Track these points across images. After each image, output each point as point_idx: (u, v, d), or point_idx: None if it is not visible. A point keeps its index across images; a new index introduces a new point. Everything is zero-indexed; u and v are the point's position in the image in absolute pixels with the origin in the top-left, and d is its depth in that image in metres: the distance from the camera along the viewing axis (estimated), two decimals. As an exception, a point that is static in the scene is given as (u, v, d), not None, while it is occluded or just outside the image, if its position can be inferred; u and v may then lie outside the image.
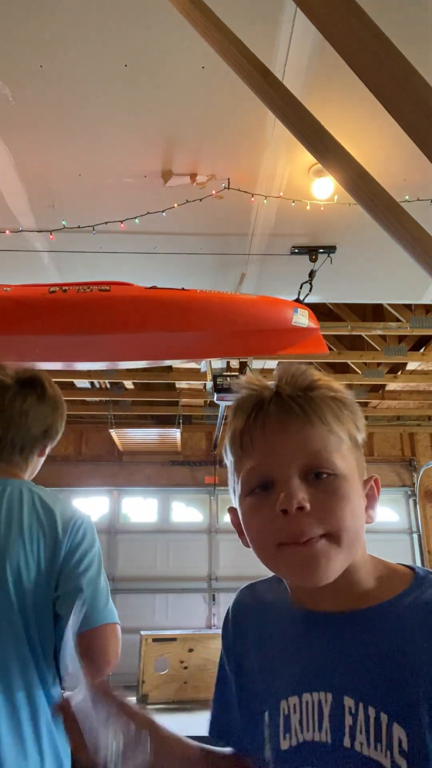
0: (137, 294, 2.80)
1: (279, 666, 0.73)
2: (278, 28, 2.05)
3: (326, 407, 0.69)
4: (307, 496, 0.65)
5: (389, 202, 0.88)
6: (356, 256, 3.37)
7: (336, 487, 0.66)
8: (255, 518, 0.69)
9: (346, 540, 0.65)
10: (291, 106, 0.98)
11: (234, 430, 0.72)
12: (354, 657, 0.66)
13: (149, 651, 5.82)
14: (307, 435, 0.67)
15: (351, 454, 0.70)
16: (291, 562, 0.65)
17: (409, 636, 0.64)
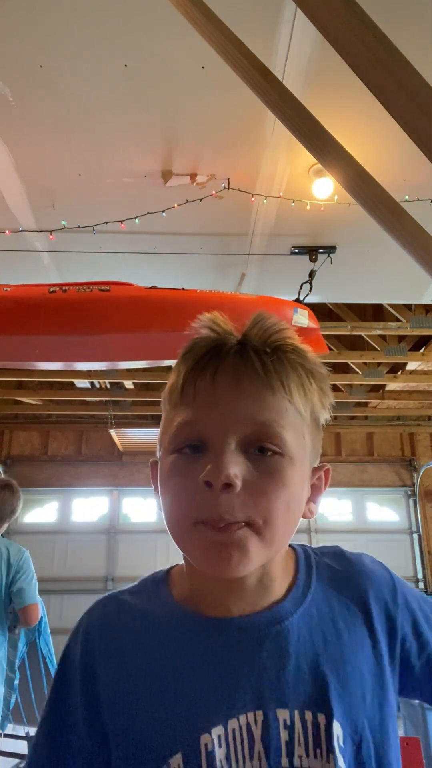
0: (137, 294, 2.80)
1: (188, 693, 0.57)
2: (278, 28, 2.04)
3: (293, 374, 0.58)
4: (240, 473, 0.53)
5: (389, 202, 0.88)
6: (356, 256, 3.37)
7: (278, 469, 0.55)
8: (173, 483, 0.57)
9: (272, 535, 0.55)
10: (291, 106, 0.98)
11: (177, 374, 0.60)
12: (277, 663, 0.57)
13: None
14: (261, 399, 0.55)
15: (308, 434, 0.59)
16: (204, 546, 0.54)
17: (326, 622, 0.61)
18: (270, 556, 0.58)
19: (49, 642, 3.28)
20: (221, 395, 0.56)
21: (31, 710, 3.29)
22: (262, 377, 0.56)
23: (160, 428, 0.63)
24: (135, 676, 0.59)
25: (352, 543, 7.05)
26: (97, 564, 7.13)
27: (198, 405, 0.56)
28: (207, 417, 0.56)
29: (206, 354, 0.58)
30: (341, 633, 0.60)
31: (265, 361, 0.57)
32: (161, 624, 0.62)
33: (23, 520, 7.39)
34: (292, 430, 0.57)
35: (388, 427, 7.62)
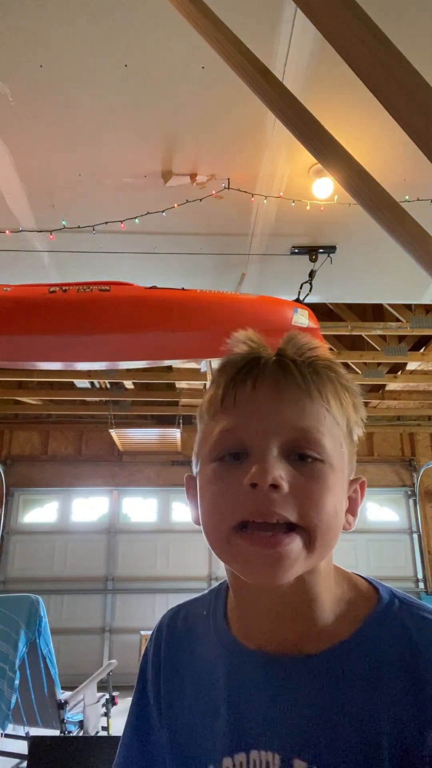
0: (137, 294, 2.80)
1: (222, 712, 0.59)
2: (278, 28, 2.04)
3: (330, 385, 0.59)
4: (285, 476, 0.53)
5: (389, 202, 0.88)
6: (356, 256, 3.37)
7: (321, 475, 0.55)
8: (215, 488, 0.56)
9: (320, 540, 0.54)
10: (291, 106, 0.98)
11: (216, 386, 0.60)
12: (307, 711, 0.54)
13: (149, 651, 5.81)
14: (302, 407, 0.56)
15: (345, 445, 0.59)
16: (247, 551, 0.53)
17: (374, 682, 0.53)
18: (313, 564, 0.56)
19: (49, 642, 3.28)
20: (262, 403, 0.56)
21: (31, 710, 3.30)
22: (301, 385, 0.57)
23: (197, 441, 0.63)
24: (184, 686, 0.64)
25: (352, 543, 7.05)
26: (97, 564, 7.13)
27: (239, 412, 0.57)
28: (248, 424, 0.56)
29: (245, 365, 0.59)
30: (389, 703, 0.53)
31: (304, 371, 0.58)
32: (211, 644, 0.64)
33: (23, 520, 7.39)
34: (331, 437, 0.57)
35: (388, 427, 7.62)
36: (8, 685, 3.00)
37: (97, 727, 3.53)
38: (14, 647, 3.05)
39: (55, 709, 3.23)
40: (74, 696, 3.36)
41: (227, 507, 0.54)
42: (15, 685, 3.02)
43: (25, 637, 3.11)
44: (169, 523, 7.39)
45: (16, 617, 3.13)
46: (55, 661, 3.32)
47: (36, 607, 3.20)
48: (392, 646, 0.54)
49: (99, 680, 3.64)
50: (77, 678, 3.84)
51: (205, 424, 0.62)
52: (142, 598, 6.95)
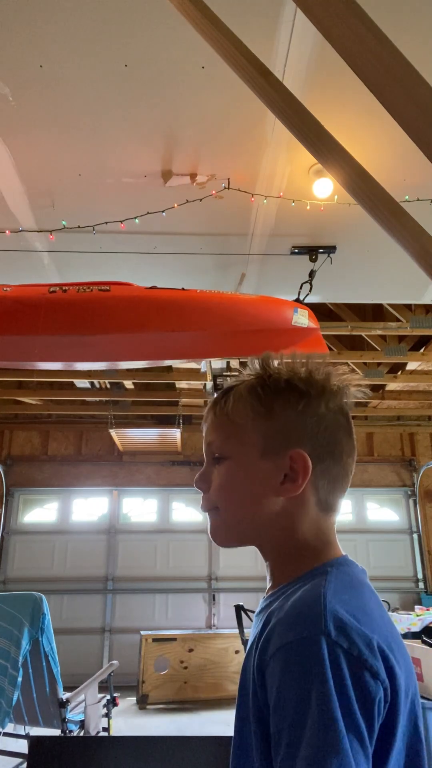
0: (137, 294, 2.80)
1: None
2: (278, 28, 2.05)
3: (225, 400, 0.79)
4: (210, 476, 0.79)
5: (389, 202, 0.88)
6: (356, 256, 3.37)
7: (223, 468, 0.78)
8: None
9: (228, 511, 0.77)
10: (291, 106, 0.98)
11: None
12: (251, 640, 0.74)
13: (149, 651, 5.82)
14: (208, 427, 0.81)
15: (246, 438, 0.76)
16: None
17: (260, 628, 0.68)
18: (232, 527, 0.78)
19: (52, 640, 3.28)
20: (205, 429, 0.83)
21: (32, 708, 3.29)
22: (207, 414, 0.82)
23: None
24: None
25: (352, 543, 7.05)
26: (97, 564, 7.13)
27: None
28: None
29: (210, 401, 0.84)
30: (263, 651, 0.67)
31: (212, 402, 0.81)
32: None
33: (23, 520, 7.39)
34: (227, 437, 0.78)
35: (388, 427, 7.62)
36: (10, 683, 2.99)
37: (98, 727, 3.53)
38: (17, 645, 3.05)
39: (56, 707, 3.23)
40: (75, 696, 3.36)
41: None
42: (17, 682, 3.02)
43: (29, 634, 3.11)
44: (169, 523, 7.39)
45: (20, 615, 3.13)
46: (57, 659, 3.32)
47: (39, 604, 3.20)
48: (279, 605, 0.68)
49: (100, 681, 3.64)
50: (77, 678, 3.84)
51: None
52: (142, 598, 6.95)
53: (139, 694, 5.68)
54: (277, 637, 0.62)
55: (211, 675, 5.73)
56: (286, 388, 0.76)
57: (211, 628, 6.70)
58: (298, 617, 0.62)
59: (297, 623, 0.61)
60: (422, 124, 0.77)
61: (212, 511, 0.79)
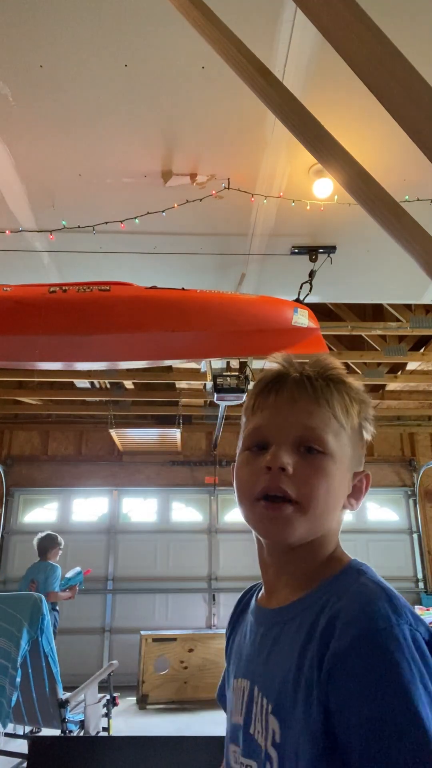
0: (137, 294, 2.80)
1: (239, 649, 0.82)
2: (278, 28, 2.05)
3: (337, 395, 0.75)
4: (293, 463, 0.71)
5: (389, 202, 0.88)
6: (356, 256, 3.37)
7: (320, 465, 0.72)
8: (244, 470, 0.76)
9: (313, 512, 0.71)
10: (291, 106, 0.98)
11: (255, 389, 0.80)
12: (267, 650, 0.72)
13: (149, 651, 5.82)
14: (309, 411, 0.73)
15: (348, 442, 0.75)
16: (261, 517, 0.72)
17: (304, 635, 0.66)
18: (311, 532, 0.72)
19: (52, 640, 3.29)
20: (281, 408, 0.75)
21: (32, 709, 3.29)
22: (312, 396, 0.74)
23: (239, 438, 0.82)
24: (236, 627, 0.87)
25: (352, 543, 7.05)
26: (96, 564, 7.13)
27: (265, 414, 0.76)
28: (269, 423, 0.75)
29: (272, 380, 0.77)
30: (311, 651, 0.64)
31: (315, 386, 0.75)
32: (251, 603, 0.85)
33: (23, 520, 7.39)
34: (333, 435, 0.73)
35: (388, 427, 7.62)
36: (10, 683, 3.00)
37: (97, 727, 3.53)
38: (17, 645, 3.05)
39: (56, 707, 3.23)
40: (75, 696, 3.36)
41: (251, 482, 0.73)
42: (17, 682, 3.02)
43: (28, 635, 3.11)
44: (169, 523, 7.39)
45: (19, 615, 3.13)
46: (57, 659, 3.32)
47: (39, 605, 3.20)
48: (324, 604, 0.66)
49: (100, 681, 3.64)
50: (77, 678, 3.84)
51: (243, 424, 0.81)
52: (142, 598, 6.95)
53: (139, 694, 5.68)
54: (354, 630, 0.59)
55: (211, 675, 5.73)
56: (370, 417, 0.81)
57: (211, 628, 6.69)
58: (373, 610, 0.61)
59: (373, 615, 0.60)
60: (422, 124, 0.77)
61: (288, 503, 0.71)
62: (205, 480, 7.33)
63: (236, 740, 0.74)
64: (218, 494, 7.37)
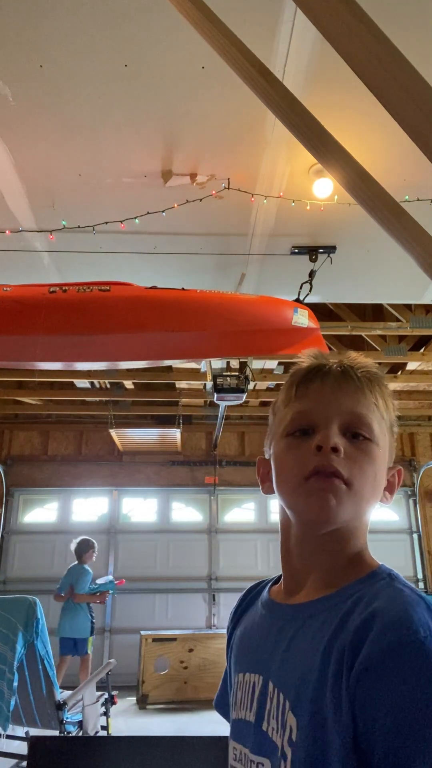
0: (137, 294, 2.80)
1: (245, 644, 0.80)
2: (278, 28, 2.04)
3: (378, 389, 0.76)
4: (342, 445, 0.70)
5: (389, 202, 0.88)
6: (356, 256, 3.37)
7: (368, 450, 0.72)
8: (289, 455, 0.73)
9: (361, 493, 0.70)
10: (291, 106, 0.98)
11: (293, 379, 0.78)
12: (285, 646, 0.70)
13: (149, 651, 5.82)
14: (357, 399, 0.73)
15: (388, 434, 0.76)
16: (311, 491, 0.69)
17: (330, 632, 0.63)
18: (353, 514, 0.71)
19: (47, 643, 3.28)
20: (327, 393, 0.74)
21: (30, 711, 3.30)
22: (357, 384, 0.74)
23: (270, 429, 0.81)
24: (240, 623, 0.85)
25: (352, 543, 7.04)
26: (96, 564, 7.12)
27: (309, 400, 0.75)
28: (316, 407, 0.73)
29: (315, 369, 0.77)
30: (334, 650, 0.62)
31: (359, 376, 0.75)
32: (259, 599, 0.83)
33: (23, 520, 7.39)
34: (378, 425, 0.74)
35: (388, 427, 7.61)
36: (7, 687, 2.99)
37: (96, 726, 3.53)
38: (12, 649, 3.05)
39: (53, 709, 3.23)
40: (73, 696, 3.36)
41: (298, 464, 0.71)
42: (14, 686, 3.02)
43: (23, 638, 3.11)
44: (169, 523, 7.39)
45: (14, 619, 3.13)
46: (53, 662, 3.32)
47: (33, 608, 3.20)
48: (355, 602, 0.64)
49: (98, 680, 3.64)
50: (77, 678, 3.84)
51: (279, 413, 0.79)
52: (142, 598, 6.95)
53: (139, 693, 5.67)
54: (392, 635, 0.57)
55: (211, 675, 5.73)
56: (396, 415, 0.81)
57: (211, 628, 6.69)
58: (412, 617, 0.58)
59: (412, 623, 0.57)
60: (422, 124, 0.77)
61: (341, 485, 0.69)
62: (205, 480, 7.33)
63: (241, 738, 0.72)
64: (218, 494, 7.37)
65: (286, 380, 0.81)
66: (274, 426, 0.80)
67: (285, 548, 0.78)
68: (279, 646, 0.70)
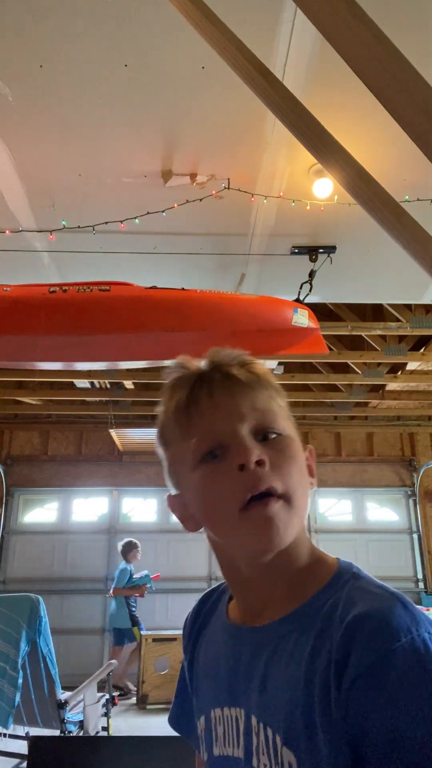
0: (137, 294, 2.80)
1: (213, 674, 0.72)
2: (278, 28, 2.05)
3: (264, 374, 0.70)
4: (262, 454, 0.63)
5: (389, 202, 0.88)
6: (356, 256, 3.37)
7: (286, 447, 0.66)
8: (210, 486, 0.64)
9: (299, 503, 0.64)
10: (291, 106, 0.98)
11: (178, 403, 0.69)
12: (261, 674, 0.64)
13: (149, 651, 5.81)
14: (253, 397, 0.67)
15: (291, 421, 0.70)
16: (256, 524, 0.61)
17: (308, 654, 0.59)
18: (298, 525, 0.65)
19: (50, 642, 3.29)
20: (221, 405, 0.66)
21: (31, 710, 3.29)
22: (245, 381, 0.68)
23: (170, 463, 0.73)
24: (200, 644, 0.78)
25: (352, 543, 7.04)
26: (97, 564, 7.13)
27: (206, 420, 0.66)
28: (217, 425, 0.65)
29: (194, 384, 0.69)
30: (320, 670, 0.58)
31: (240, 372, 0.68)
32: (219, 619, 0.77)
33: (23, 520, 7.39)
34: (282, 416, 0.68)
35: (388, 427, 7.61)
36: (11, 684, 3.00)
37: (97, 727, 3.53)
38: (16, 647, 3.05)
39: (55, 708, 3.23)
40: (74, 696, 3.36)
41: (226, 495, 0.63)
42: (18, 684, 3.02)
43: (27, 636, 3.11)
44: (169, 523, 7.38)
45: (18, 617, 3.14)
46: (55, 660, 3.32)
47: (37, 606, 3.20)
48: (326, 617, 0.60)
49: (99, 680, 3.64)
50: (77, 678, 3.84)
51: (175, 445, 0.70)
52: (143, 598, 6.95)
53: (138, 693, 5.68)
54: (376, 644, 0.54)
55: (211, 675, 5.73)
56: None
57: (211, 628, 6.69)
58: (392, 623, 0.55)
59: (393, 629, 0.54)
60: (422, 124, 0.77)
61: (280, 503, 0.62)
62: (205, 480, 7.32)
63: None
64: (218, 494, 7.37)
65: (165, 407, 0.72)
66: (174, 460, 0.72)
67: (233, 579, 0.71)
68: (254, 675, 0.64)
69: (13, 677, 3.00)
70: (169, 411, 0.71)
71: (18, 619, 3.13)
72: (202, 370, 0.70)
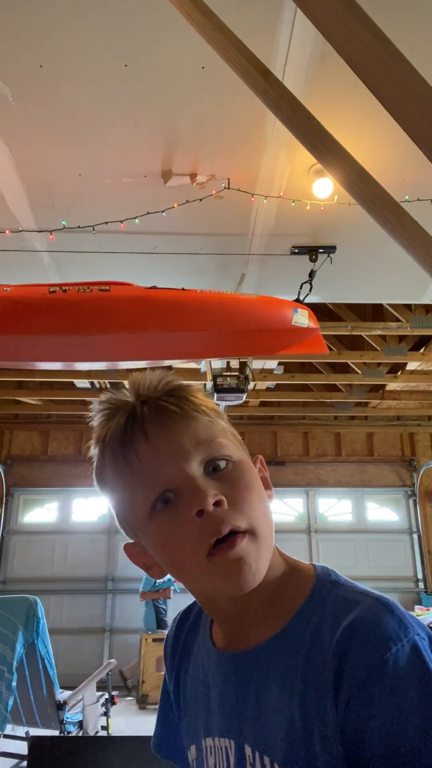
0: (137, 294, 2.80)
1: (203, 701, 0.70)
2: (278, 28, 2.04)
3: (198, 398, 0.66)
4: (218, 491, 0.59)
5: (389, 202, 0.88)
6: (356, 256, 3.37)
7: (239, 475, 0.62)
8: (170, 537, 0.61)
9: (264, 532, 0.60)
10: (291, 106, 0.98)
11: (113, 451, 0.66)
12: (252, 702, 0.61)
13: (149, 651, 5.82)
14: (193, 428, 0.62)
15: (236, 440, 0.67)
16: (226, 569, 0.58)
17: (300, 675, 0.57)
18: (269, 554, 0.62)
19: (48, 643, 3.29)
20: (161, 446, 0.61)
21: (30, 711, 3.29)
22: (180, 413, 0.62)
23: (119, 512, 0.68)
24: (187, 665, 0.75)
25: (352, 543, 7.04)
26: (97, 564, 7.13)
27: (149, 467, 0.61)
28: (161, 470, 0.60)
29: (125, 425, 0.65)
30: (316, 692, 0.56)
31: (173, 402, 0.63)
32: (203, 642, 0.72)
33: (23, 520, 7.39)
34: (226, 439, 0.64)
35: (388, 427, 7.62)
36: (6, 687, 2.99)
37: (96, 726, 3.53)
38: (12, 649, 3.05)
39: (54, 709, 3.23)
40: (73, 696, 3.36)
41: (189, 543, 0.59)
42: (12, 687, 3.02)
43: (23, 638, 3.11)
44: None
45: (14, 619, 3.13)
46: (53, 662, 3.32)
47: (34, 608, 3.20)
48: (314, 633, 0.58)
49: (98, 680, 3.64)
50: (77, 678, 3.84)
51: (119, 492, 0.67)
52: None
53: (138, 693, 5.68)
54: (365, 660, 0.53)
55: (211, 675, 5.73)
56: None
57: (211, 628, 6.70)
58: (383, 634, 0.54)
59: (384, 640, 0.53)
60: (422, 124, 0.77)
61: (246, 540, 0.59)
62: (205, 480, 7.32)
63: None
64: (218, 494, 7.37)
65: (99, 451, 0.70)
66: (123, 509, 0.68)
67: (210, 609, 0.69)
68: (244, 702, 0.62)
69: (9, 680, 3.00)
70: (104, 455, 0.68)
71: (14, 620, 3.12)
72: (129, 405, 0.66)
